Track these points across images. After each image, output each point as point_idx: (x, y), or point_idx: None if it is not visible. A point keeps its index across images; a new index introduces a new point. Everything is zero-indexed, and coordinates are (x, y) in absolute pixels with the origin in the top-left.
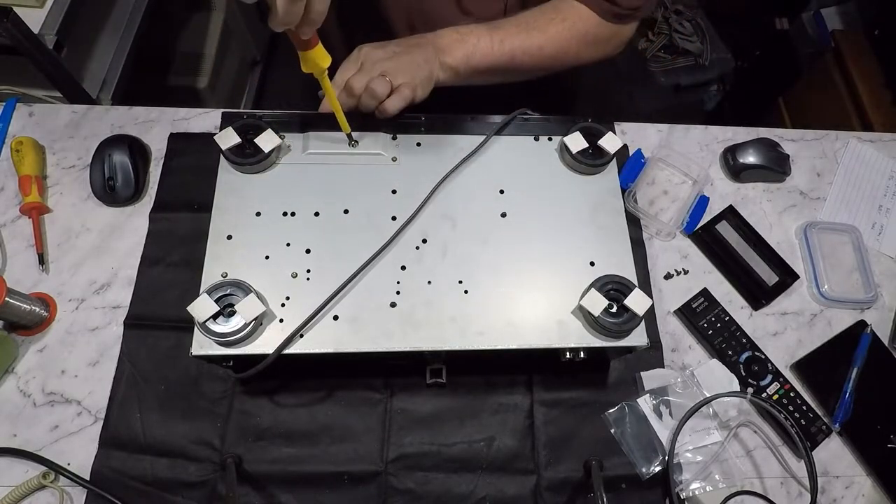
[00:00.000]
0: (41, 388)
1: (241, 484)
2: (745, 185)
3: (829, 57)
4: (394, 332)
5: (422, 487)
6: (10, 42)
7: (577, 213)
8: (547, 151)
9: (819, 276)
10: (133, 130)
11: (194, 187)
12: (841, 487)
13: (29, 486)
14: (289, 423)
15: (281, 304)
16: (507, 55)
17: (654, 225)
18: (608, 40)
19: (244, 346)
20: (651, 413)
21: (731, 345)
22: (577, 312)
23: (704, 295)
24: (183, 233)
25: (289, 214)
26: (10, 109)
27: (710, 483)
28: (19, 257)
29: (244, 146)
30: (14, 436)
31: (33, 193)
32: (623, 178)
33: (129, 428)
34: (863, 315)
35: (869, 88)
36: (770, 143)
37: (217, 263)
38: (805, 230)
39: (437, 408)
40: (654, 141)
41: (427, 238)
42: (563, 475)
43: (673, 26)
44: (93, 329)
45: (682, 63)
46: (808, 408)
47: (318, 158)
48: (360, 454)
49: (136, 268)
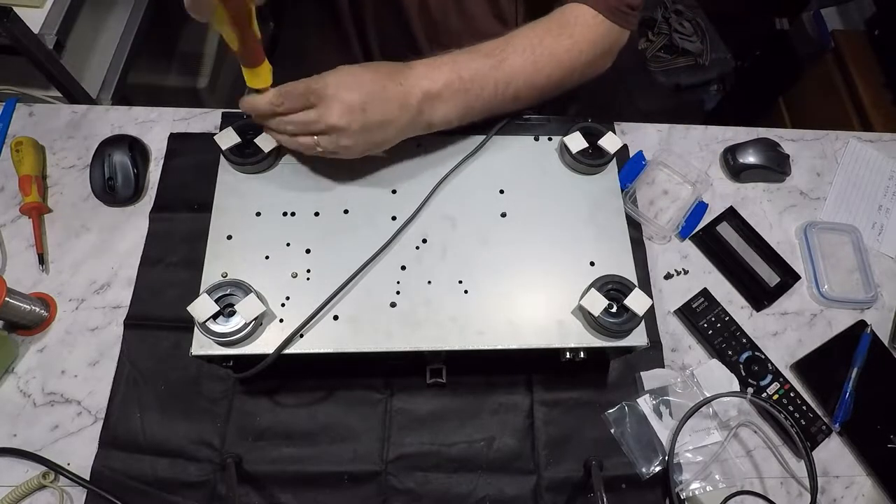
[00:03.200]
0: (41, 388)
1: (241, 484)
2: (745, 185)
3: (829, 57)
4: (394, 332)
5: (422, 487)
6: (10, 42)
7: (577, 213)
8: (547, 151)
9: (819, 276)
10: (133, 130)
11: (194, 187)
12: (841, 487)
13: (29, 486)
14: (289, 423)
15: (281, 304)
16: (510, 98)
17: (649, 228)
18: (607, 52)
19: (244, 346)
20: (651, 413)
21: (731, 345)
22: (577, 312)
23: (704, 295)
24: (183, 233)
25: (289, 214)
26: (10, 109)
27: (710, 483)
28: (19, 257)
29: (244, 146)
30: (14, 436)
31: (33, 193)
32: (622, 179)
33: (129, 428)
34: (863, 315)
35: (869, 88)
36: (770, 143)
37: (217, 263)
38: (805, 230)
39: (437, 408)
40: (654, 141)
41: (427, 238)
42: (563, 475)
43: (673, 26)
44: (93, 329)
45: (682, 63)
46: (808, 408)
47: (318, 158)
48: (360, 454)
49: (136, 268)
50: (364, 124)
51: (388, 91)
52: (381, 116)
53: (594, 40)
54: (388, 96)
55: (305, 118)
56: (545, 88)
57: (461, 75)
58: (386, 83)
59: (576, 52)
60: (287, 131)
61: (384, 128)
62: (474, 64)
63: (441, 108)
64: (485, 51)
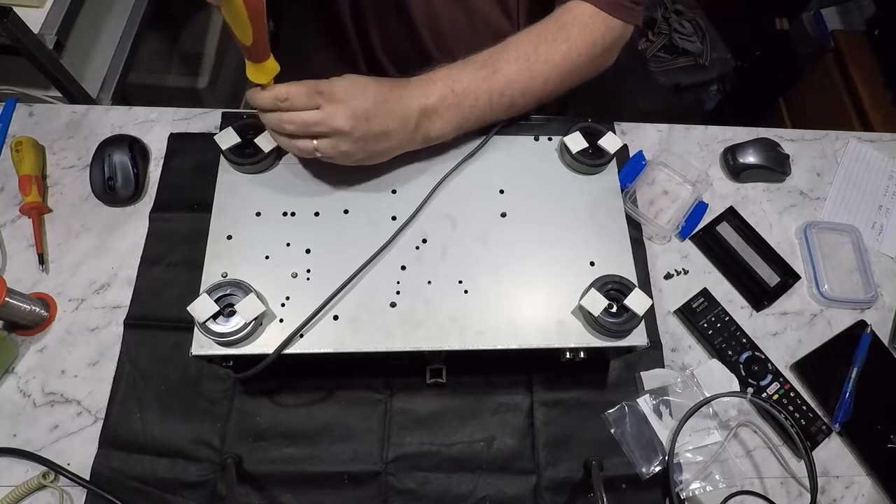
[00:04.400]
0: (41, 388)
1: (241, 484)
2: (745, 185)
3: (829, 57)
4: (394, 331)
5: (422, 487)
6: (10, 42)
7: (577, 212)
8: (547, 151)
9: (819, 276)
10: (133, 130)
11: (194, 187)
12: (841, 487)
13: (29, 486)
14: (289, 423)
15: (281, 304)
16: (505, 107)
17: (649, 228)
18: (609, 47)
19: (244, 346)
20: (651, 413)
21: (731, 345)
22: (577, 312)
23: (704, 295)
24: (183, 233)
25: (289, 214)
26: (10, 109)
27: (710, 483)
28: (19, 257)
29: (244, 146)
30: (14, 436)
31: (33, 193)
32: (622, 179)
33: (129, 428)
34: (863, 315)
35: (869, 88)
36: (770, 143)
37: (217, 263)
38: (805, 230)
39: (437, 408)
40: (654, 141)
41: (427, 238)
42: (563, 475)
43: (673, 26)
44: (93, 329)
45: (682, 63)
46: (808, 408)
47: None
48: (360, 454)
49: (136, 268)
50: (366, 133)
51: (391, 104)
52: (383, 128)
53: (592, 40)
54: (391, 109)
55: (309, 118)
56: (542, 94)
57: (454, 89)
58: (388, 96)
59: (573, 56)
60: (286, 131)
61: (382, 140)
62: (466, 77)
63: (437, 122)
64: (478, 62)
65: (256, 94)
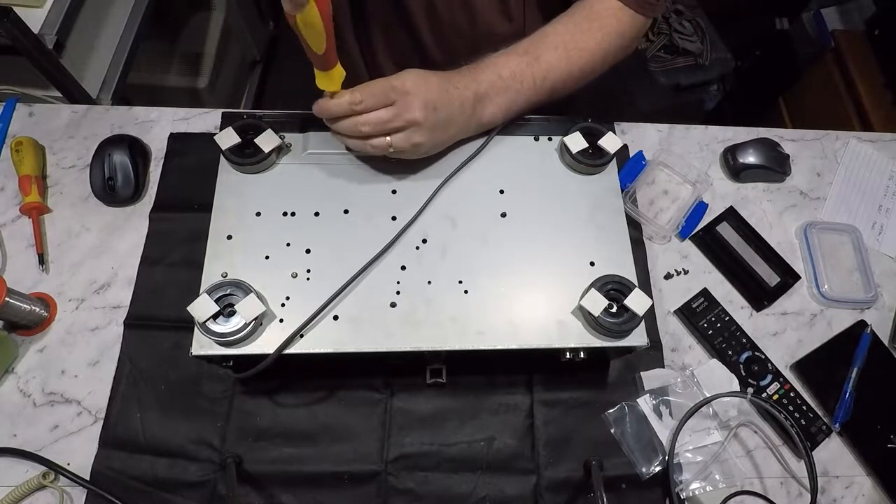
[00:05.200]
0: (41, 388)
1: (241, 484)
2: (745, 185)
3: (829, 57)
4: (394, 332)
5: (422, 487)
6: (10, 42)
7: (577, 213)
8: (547, 151)
9: (819, 276)
10: (133, 130)
11: (194, 187)
12: (841, 487)
13: (29, 486)
14: (289, 423)
15: (281, 304)
16: (546, 91)
17: (649, 228)
18: (634, 38)
19: (244, 346)
20: (651, 413)
21: (731, 345)
22: (577, 312)
23: (704, 295)
24: (183, 233)
25: (289, 214)
26: (10, 109)
27: (710, 483)
28: (19, 257)
29: (244, 146)
30: (14, 436)
31: (33, 193)
32: (622, 179)
33: (129, 428)
34: (863, 315)
35: (869, 88)
36: (770, 143)
37: (217, 263)
38: (805, 230)
39: (437, 408)
40: (654, 141)
41: (427, 238)
42: (564, 475)
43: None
44: (93, 329)
45: (682, 63)
46: (808, 408)
47: (318, 158)
48: (360, 454)
49: (136, 268)
50: (436, 122)
51: (451, 93)
52: (448, 116)
53: (622, 31)
54: (451, 98)
55: (385, 116)
56: (579, 80)
57: (500, 75)
58: (446, 86)
59: (606, 44)
60: (361, 133)
61: (447, 127)
62: (511, 64)
63: (489, 106)
64: (520, 50)
65: (327, 103)
